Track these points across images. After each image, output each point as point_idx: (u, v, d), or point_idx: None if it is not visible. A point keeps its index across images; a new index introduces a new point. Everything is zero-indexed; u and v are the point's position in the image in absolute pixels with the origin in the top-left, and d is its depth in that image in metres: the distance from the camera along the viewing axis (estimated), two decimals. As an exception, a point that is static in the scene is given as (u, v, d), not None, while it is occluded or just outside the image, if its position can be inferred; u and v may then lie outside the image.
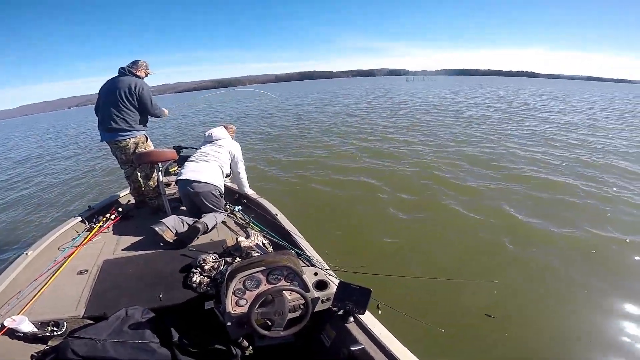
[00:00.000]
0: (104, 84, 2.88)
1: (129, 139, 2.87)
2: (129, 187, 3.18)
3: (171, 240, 2.41)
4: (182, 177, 2.68)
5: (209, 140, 3.02)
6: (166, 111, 3.14)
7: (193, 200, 2.68)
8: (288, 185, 5.74)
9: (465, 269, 3.14)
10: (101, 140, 2.95)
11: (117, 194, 3.41)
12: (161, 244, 2.42)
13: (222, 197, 2.77)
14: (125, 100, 2.77)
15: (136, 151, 2.92)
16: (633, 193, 4.91)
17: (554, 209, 4.36)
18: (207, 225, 2.52)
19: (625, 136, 9.13)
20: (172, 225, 2.46)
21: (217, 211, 2.71)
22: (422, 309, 2.41)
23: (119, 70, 2.87)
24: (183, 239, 2.43)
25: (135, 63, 2.89)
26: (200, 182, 2.63)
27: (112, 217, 2.93)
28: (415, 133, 9.70)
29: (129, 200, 3.30)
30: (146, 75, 2.95)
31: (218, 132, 3.05)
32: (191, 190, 2.62)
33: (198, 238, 2.49)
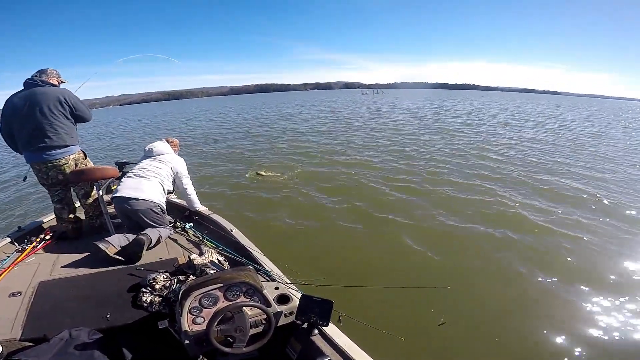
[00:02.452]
0: (13, 100, 2.47)
1: (69, 155, 2.58)
2: (64, 212, 2.75)
3: (115, 256, 2.24)
4: (118, 194, 2.52)
5: (149, 154, 2.86)
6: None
7: (132, 218, 2.54)
8: (242, 200, 5.61)
9: (419, 277, 3.27)
10: (31, 162, 2.56)
11: (52, 213, 3.07)
12: (107, 261, 2.24)
13: (164, 213, 2.63)
14: (56, 113, 2.46)
15: (76, 169, 2.64)
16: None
17: (495, 216, 4.73)
18: (150, 237, 2.36)
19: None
20: (116, 242, 2.29)
21: (160, 227, 2.57)
22: (382, 318, 2.45)
23: (26, 82, 2.49)
24: (129, 256, 2.27)
25: (43, 72, 2.55)
26: (137, 199, 2.48)
27: (47, 237, 2.64)
28: (372, 146, 10.06)
29: None
30: (59, 84, 2.63)
31: (159, 146, 2.90)
32: (129, 207, 2.48)
33: (142, 252, 2.33)
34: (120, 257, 2.25)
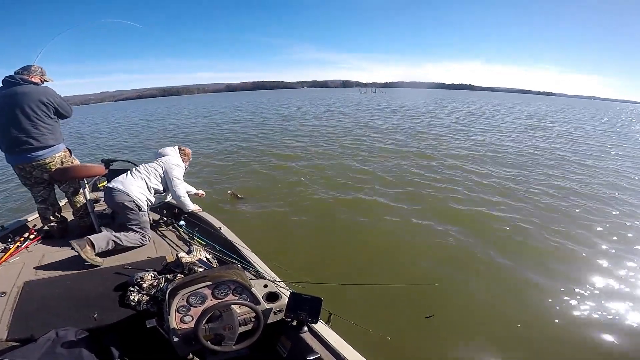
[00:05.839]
0: None
1: (55, 154, 2.51)
2: (48, 212, 2.69)
3: (92, 260, 2.22)
4: (108, 184, 2.61)
5: (157, 156, 2.93)
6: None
7: (114, 208, 2.65)
8: (233, 198, 5.53)
9: (408, 275, 3.28)
10: (14, 163, 2.47)
11: (37, 212, 3.02)
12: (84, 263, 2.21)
13: (140, 210, 2.57)
14: (40, 113, 2.38)
15: (61, 167, 2.59)
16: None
17: (487, 213, 4.78)
18: (92, 242, 2.26)
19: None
20: (101, 243, 2.29)
21: (131, 227, 2.51)
22: (369, 316, 2.46)
23: (6, 80, 2.37)
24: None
25: (27, 68, 2.44)
26: (116, 189, 2.52)
27: (32, 236, 2.59)
28: (377, 142, 10.06)
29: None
30: (42, 82, 2.52)
31: (165, 150, 2.97)
32: (110, 197, 2.54)
33: (86, 256, 2.22)
34: (98, 259, 2.25)
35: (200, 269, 2.01)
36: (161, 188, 2.79)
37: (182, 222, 2.85)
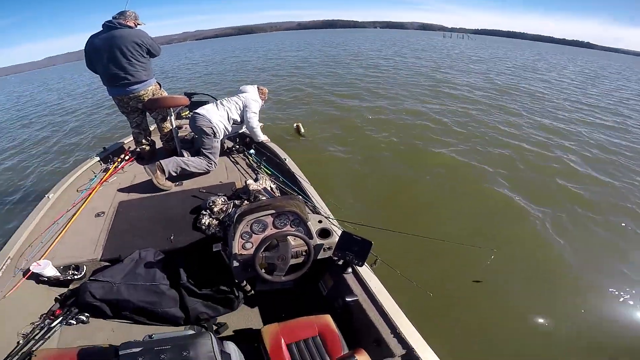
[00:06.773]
0: (94, 41, 2.64)
1: (148, 87, 2.86)
2: (140, 135, 3.10)
3: (162, 185, 2.54)
4: (196, 110, 2.91)
5: (239, 92, 3.20)
6: None
7: (194, 131, 2.96)
8: (296, 133, 5.60)
9: (468, 235, 3.02)
10: (114, 95, 2.85)
11: (131, 136, 3.43)
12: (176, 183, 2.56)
13: (215, 137, 2.84)
14: (135, 53, 2.67)
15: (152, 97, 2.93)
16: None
17: (567, 187, 4.14)
18: (162, 166, 2.59)
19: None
20: (170, 167, 2.62)
21: (203, 150, 2.82)
22: (416, 269, 2.40)
23: (105, 24, 2.64)
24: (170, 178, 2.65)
25: (122, 14, 2.69)
26: (199, 114, 2.84)
27: (127, 157, 3.05)
28: (454, 99, 9.03)
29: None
30: (135, 26, 2.76)
31: (245, 87, 3.23)
32: (193, 120, 2.85)
33: (160, 177, 2.54)
34: (167, 184, 2.60)
35: (264, 197, 2.14)
36: (239, 119, 3.05)
37: (252, 151, 3.10)
